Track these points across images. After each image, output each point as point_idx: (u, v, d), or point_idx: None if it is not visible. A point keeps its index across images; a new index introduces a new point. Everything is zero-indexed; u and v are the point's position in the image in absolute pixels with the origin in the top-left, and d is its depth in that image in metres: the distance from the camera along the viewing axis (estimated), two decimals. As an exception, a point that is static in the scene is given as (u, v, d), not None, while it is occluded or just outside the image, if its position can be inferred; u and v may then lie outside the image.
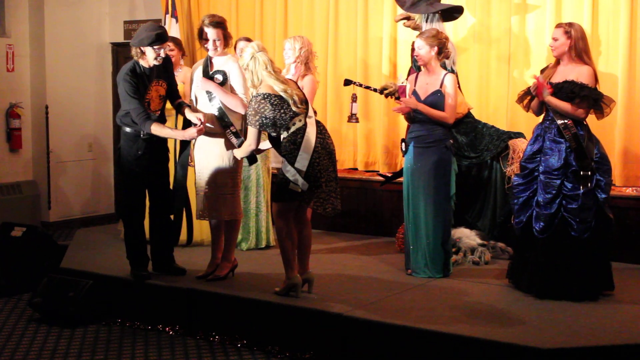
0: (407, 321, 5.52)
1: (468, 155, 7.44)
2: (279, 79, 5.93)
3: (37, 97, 10.40)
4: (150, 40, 6.30)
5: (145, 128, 6.32)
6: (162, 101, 6.63)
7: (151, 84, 6.47)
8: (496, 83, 8.04)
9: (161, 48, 6.37)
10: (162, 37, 6.36)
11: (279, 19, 9.35)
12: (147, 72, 6.45)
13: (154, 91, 6.52)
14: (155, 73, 6.50)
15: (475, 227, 7.50)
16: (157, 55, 6.38)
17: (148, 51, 6.36)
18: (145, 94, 6.45)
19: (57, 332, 6.44)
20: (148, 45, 6.32)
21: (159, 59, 6.41)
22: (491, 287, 6.44)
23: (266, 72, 5.91)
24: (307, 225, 6.19)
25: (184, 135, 6.40)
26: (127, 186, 6.63)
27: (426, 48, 6.54)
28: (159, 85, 6.56)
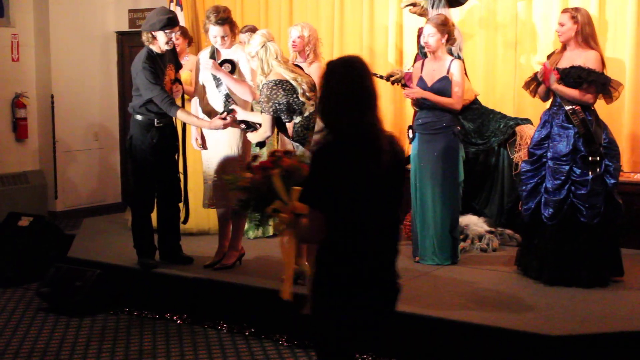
0: (415, 308, 5.50)
1: (475, 141, 7.42)
2: (288, 68, 5.93)
3: (43, 86, 10.38)
4: (162, 24, 6.34)
5: (172, 113, 6.37)
6: (174, 84, 6.68)
7: (166, 68, 6.54)
8: (503, 69, 8.01)
9: (172, 32, 6.42)
10: (173, 21, 6.42)
11: (284, 7, 9.32)
12: (160, 55, 6.50)
13: (168, 75, 6.58)
14: (168, 57, 6.56)
15: (483, 214, 7.48)
16: (169, 39, 6.42)
17: (159, 35, 6.40)
18: (163, 78, 6.50)
19: (65, 321, 6.45)
20: (160, 30, 6.36)
21: (170, 43, 6.46)
22: (499, 274, 6.43)
23: (276, 62, 5.93)
24: None
25: (210, 125, 6.37)
26: (139, 175, 6.62)
27: (437, 35, 6.50)
28: (170, 69, 6.62)
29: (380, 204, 3.42)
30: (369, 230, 3.41)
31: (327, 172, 3.35)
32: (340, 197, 3.35)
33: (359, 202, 3.37)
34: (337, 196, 3.35)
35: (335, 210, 3.36)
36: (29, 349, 5.90)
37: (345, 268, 3.42)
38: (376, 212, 3.41)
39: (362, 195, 3.37)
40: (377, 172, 3.36)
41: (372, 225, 3.42)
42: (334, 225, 3.39)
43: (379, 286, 3.47)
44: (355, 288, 3.41)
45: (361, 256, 3.41)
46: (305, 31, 7.14)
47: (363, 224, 3.40)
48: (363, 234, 3.40)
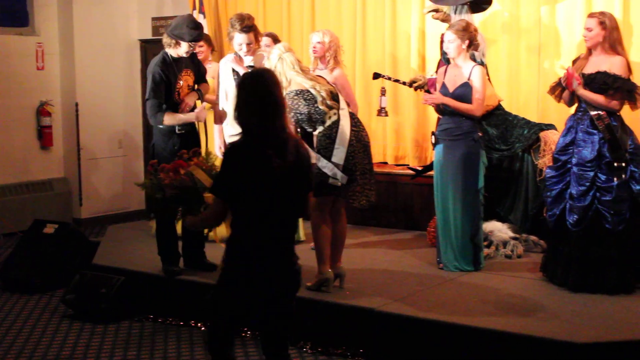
0: (439, 315, 5.50)
1: (499, 147, 7.38)
2: (307, 77, 5.93)
3: (67, 94, 10.46)
4: (190, 38, 6.45)
5: (158, 121, 6.44)
6: (192, 90, 6.71)
7: (180, 74, 6.59)
8: (526, 74, 7.97)
9: (195, 45, 6.57)
10: (201, 36, 6.59)
11: (307, 14, 9.33)
12: (176, 60, 6.57)
13: (184, 80, 6.62)
14: (184, 62, 6.62)
15: (507, 220, 7.43)
16: (190, 49, 6.55)
17: (184, 45, 6.49)
18: (176, 83, 6.55)
19: (90, 328, 6.47)
20: (187, 42, 6.47)
21: (189, 53, 6.57)
22: (524, 280, 6.39)
23: (294, 72, 5.93)
24: (342, 219, 6.18)
25: (196, 117, 6.51)
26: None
27: (457, 41, 6.48)
28: (187, 75, 6.66)
29: (280, 198, 3.99)
30: (265, 219, 3.99)
31: (234, 168, 3.98)
32: (243, 190, 3.95)
33: (259, 195, 3.95)
34: (240, 189, 3.96)
35: (238, 200, 3.99)
36: (55, 355, 5.93)
37: (242, 250, 4.05)
38: (274, 205, 3.99)
39: (262, 190, 3.94)
40: (279, 171, 3.93)
41: (270, 215, 4.00)
42: (236, 213, 4.03)
43: (272, 268, 4.07)
44: (248, 268, 4.04)
45: (256, 240, 4.02)
46: (326, 37, 7.15)
47: (261, 214, 3.99)
48: (260, 223, 4.00)
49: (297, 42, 9.28)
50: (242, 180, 3.95)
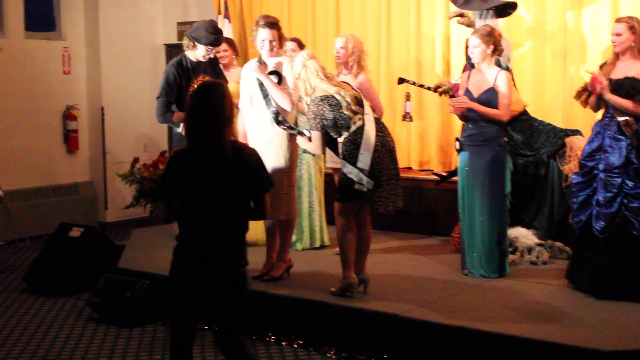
0: (464, 322, 5.48)
1: (524, 153, 7.35)
2: (331, 83, 5.93)
3: (93, 98, 10.53)
4: (206, 41, 6.62)
5: (166, 120, 6.64)
6: None
7: (196, 77, 6.68)
8: (552, 80, 7.93)
9: (217, 50, 6.67)
10: (218, 42, 6.70)
11: (331, 19, 9.34)
12: (193, 65, 6.69)
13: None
14: (202, 68, 6.73)
15: (532, 226, 7.40)
16: (208, 54, 6.69)
17: (200, 48, 6.65)
18: (189, 87, 6.65)
19: (115, 331, 6.51)
20: (204, 45, 6.61)
21: (207, 57, 6.71)
22: (549, 287, 6.36)
23: (318, 79, 5.93)
24: (367, 225, 6.17)
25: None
26: None
27: (482, 46, 6.46)
28: (204, 79, 6.68)
29: (218, 201, 4.22)
30: (204, 221, 4.25)
31: (175, 172, 4.30)
32: (182, 194, 4.26)
33: (197, 199, 4.24)
34: (180, 192, 4.27)
35: (179, 203, 4.31)
36: (80, 358, 5.96)
37: (183, 247, 4.33)
38: (212, 208, 4.23)
39: (200, 194, 4.23)
40: (216, 177, 4.21)
41: (208, 217, 4.24)
42: (180, 215, 4.33)
43: (211, 268, 4.28)
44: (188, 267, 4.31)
45: (197, 238, 4.28)
46: (349, 43, 7.15)
47: (199, 216, 4.25)
48: (199, 224, 4.26)
49: (322, 47, 9.29)
50: (181, 184, 4.26)
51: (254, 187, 4.35)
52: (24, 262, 8.76)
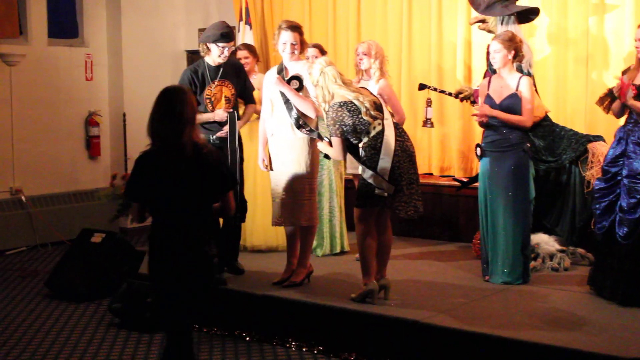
0: (485, 328, 5.45)
1: (546, 159, 7.32)
2: (349, 89, 5.93)
3: (115, 105, 10.57)
4: (214, 38, 6.57)
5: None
6: (229, 103, 6.76)
7: (213, 82, 6.69)
8: (574, 85, 7.90)
9: (226, 47, 6.60)
10: (226, 36, 6.60)
11: (352, 25, 9.34)
12: (211, 70, 6.69)
13: (218, 91, 6.72)
14: (222, 74, 6.71)
15: (554, 232, 7.36)
16: (222, 52, 6.61)
17: (213, 48, 6.62)
18: (204, 92, 6.68)
19: (136, 337, 6.51)
20: (213, 43, 6.58)
21: (223, 57, 6.64)
22: (571, 294, 6.32)
23: (336, 85, 5.92)
24: (387, 230, 6.16)
25: (214, 117, 6.64)
26: None
27: (503, 52, 6.44)
28: (224, 85, 6.74)
29: (182, 199, 4.49)
30: (171, 218, 4.53)
31: (142, 173, 4.53)
32: (150, 193, 4.52)
33: (162, 197, 4.50)
34: (148, 192, 4.53)
35: (148, 202, 4.58)
36: (101, 364, 5.99)
37: (154, 243, 4.59)
38: (177, 206, 4.50)
39: (165, 192, 4.48)
40: (178, 176, 4.46)
41: (174, 215, 4.53)
42: (152, 214, 4.60)
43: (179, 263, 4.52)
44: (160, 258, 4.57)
45: (165, 234, 4.55)
46: (372, 49, 7.14)
47: (166, 214, 4.54)
48: (167, 221, 4.55)
49: (343, 53, 9.31)
50: (148, 184, 4.52)
51: (215, 185, 4.60)
52: (46, 268, 8.79)
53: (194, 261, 4.56)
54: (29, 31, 9.94)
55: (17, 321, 6.96)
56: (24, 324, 6.87)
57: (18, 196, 9.82)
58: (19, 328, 6.77)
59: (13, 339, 6.52)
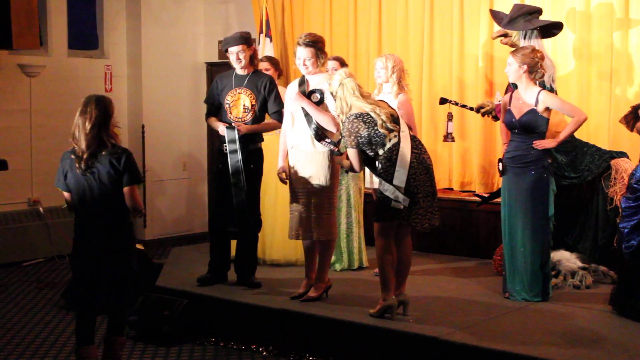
0: (505, 346, 5.38)
1: (568, 175, 7.25)
2: (367, 101, 5.91)
3: (134, 116, 10.59)
4: (224, 46, 6.93)
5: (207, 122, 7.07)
6: (247, 112, 6.87)
7: (234, 89, 6.87)
8: (597, 101, 7.82)
9: (234, 52, 6.84)
10: (230, 41, 6.88)
11: (373, 38, 9.30)
12: (237, 78, 6.93)
13: (238, 98, 6.87)
14: (246, 82, 6.89)
15: (576, 249, 7.28)
16: (235, 58, 6.86)
17: (229, 55, 6.89)
18: (225, 97, 6.89)
19: (153, 350, 6.49)
20: (225, 51, 6.92)
21: (238, 62, 6.86)
22: (593, 312, 6.23)
23: (354, 97, 5.91)
24: (407, 246, 6.11)
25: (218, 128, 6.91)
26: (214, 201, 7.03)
27: (515, 65, 6.39)
28: (244, 94, 6.87)
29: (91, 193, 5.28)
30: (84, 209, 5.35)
31: (63, 168, 5.39)
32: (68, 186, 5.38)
33: (76, 190, 5.34)
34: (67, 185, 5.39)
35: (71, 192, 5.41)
36: (117, 377, 5.94)
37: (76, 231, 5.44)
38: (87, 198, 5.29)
39: (76, 186, 5.33)
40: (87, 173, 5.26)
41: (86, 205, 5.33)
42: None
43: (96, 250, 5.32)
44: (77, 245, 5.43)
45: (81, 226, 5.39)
46: (389, 62, 7.10)
47: (80, 204, 5.36)
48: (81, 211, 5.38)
49: (363, 66, 9.27)
50: (68, 178, 5.35)
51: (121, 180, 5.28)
52: (62, 279, 8.79)
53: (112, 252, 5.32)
54: (49, 42, 9.98)
55: (33, 332, 6.95)
56: (40, 336, 6.86)
57: (36, 207, 9.85)
58: (35, 339, 6.76)
59: (29, 350, 6.50)
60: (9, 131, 9.63)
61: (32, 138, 9.87)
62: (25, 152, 9.79)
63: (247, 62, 6.90)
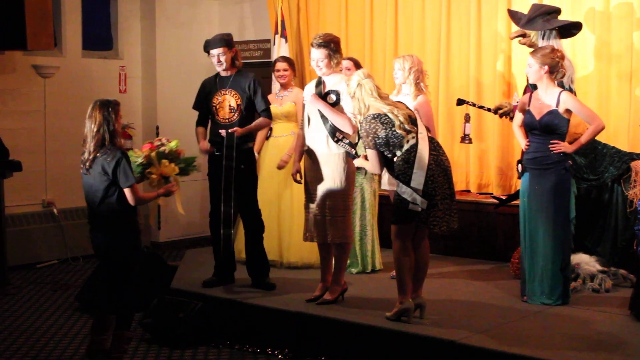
0: (523, 350, 5.33)
1: (587, 177, 7.18)
2: (385, 102, 5.88)
3: (148, 117, 10.57)
4: (205, 50, 7.02)
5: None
6: (233, 112, 6.94)
7: (219, 91, 6.96)
8: (617, 102, 7.74)
9: (214, 55, 6.92)
10: (208, 44, 7.00)
11: (389, 38, 9.24)
12: (221, 79, 7.01)
13: (223, 99, 6.94)
14: (230, 83, 6.94)
15: (595, 252, 7.21)
16: (216, 60, 6.93)
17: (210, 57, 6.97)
18: (211, 100, 6.98)
19: (167, 353, 6.46)
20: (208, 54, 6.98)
21: (219, 64, 6.93)
22: (612, 316, 6.17)
23: (372, 98, 5.88)
24: (424, 249, 6.06)
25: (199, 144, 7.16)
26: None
27: (536, 66, 6.33)
28: (229, 94, 6.92)
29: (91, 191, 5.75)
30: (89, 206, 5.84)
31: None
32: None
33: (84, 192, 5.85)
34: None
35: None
36: (131, 380, 5.92)
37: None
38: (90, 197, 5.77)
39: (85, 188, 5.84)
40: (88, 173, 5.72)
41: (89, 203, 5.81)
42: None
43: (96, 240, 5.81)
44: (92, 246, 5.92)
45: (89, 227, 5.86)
46: (407, 63, 7.03)
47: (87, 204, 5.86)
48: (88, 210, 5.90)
49: (380, 67, 9.21)
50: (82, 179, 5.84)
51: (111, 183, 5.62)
52: (77, 281, 8.78)
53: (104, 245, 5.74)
54: (63, 43, 9.97)
55: (47, 335, 6.94)
56: (54, 338, 6.85)
57: (50, 209, 9.84)
58: (49, 342, 6.75)
59: (44, 352, 6.49)
60: (23, 132, 9.61)
61: (46, 139, 9.86)
62: (39, 153, 9.78)
63: (228, 65, 6.95)
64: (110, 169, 5.59)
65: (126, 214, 5.71)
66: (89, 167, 5.66)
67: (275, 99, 7.93)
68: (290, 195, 7.70)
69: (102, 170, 5.62)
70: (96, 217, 5.75)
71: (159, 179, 6.29)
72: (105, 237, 5.72)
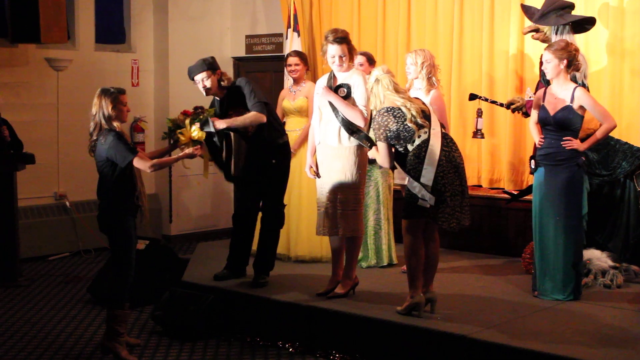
0: (533, 345, 5.32)
1: (599, 172, 7.16)
2: (399, 96, 5.88)
3: (160, 111, 10.58)
4: (190, 77, 6.94)
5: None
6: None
7: (227, 114, 6.80)
8: (630, 98, 7.70)
9: (198, 82, 6.86)
10: (191, 71, 6.92)
11: (402, 33, 9.23)
12: (219, 103, 6.92)
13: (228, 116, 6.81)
14: (226, 103, 6.88)
15: (606, 248, 7.19)
16: (202, 86, 6.84)
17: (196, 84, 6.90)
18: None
19: (178, 345, 6.47)
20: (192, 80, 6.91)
21: (206, 89, 6.85)
22: (624, 312, 6.16)
23: (388, 92, 5.87)
24: (435, 243, 6.05)
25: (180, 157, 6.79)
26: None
27: (554, 61, 6.30)
28: (236, 113, 6.75)
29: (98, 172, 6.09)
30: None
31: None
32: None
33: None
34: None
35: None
36: (142, 372, 5.94)
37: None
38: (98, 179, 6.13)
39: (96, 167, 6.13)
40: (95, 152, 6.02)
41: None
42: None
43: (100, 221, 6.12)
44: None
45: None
46: (419, 58, 7.01)
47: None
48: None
49: (392, 62, 9.19)
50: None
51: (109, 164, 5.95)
52: (88, 274, 8.82)
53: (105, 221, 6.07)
54: (76, 36, 10.01)
55: (59, 327, 6.97)
56: (66, 330, 6.88)
57: (62, 201, 9.88)
58: (61, 334, 6.78)
59: (55, 344, 6.52)
60: (36, 125, 9.65)
61: (59, 132, 9.90)
62: (52, 146, 9.81)
63: (215, 88, 6.83)
64: (104, 151, 5.90)
65: (122, 193, 6.03)
66: (93, 150, 6.03)
67: (289, 93, 7.93)
68: (298, 190, 7.70)
69: (100, 153, 5.94)
70: (98, 196, 6.11)
71: (187, 142, 6.55)
72: (103, 216, 6.06)
